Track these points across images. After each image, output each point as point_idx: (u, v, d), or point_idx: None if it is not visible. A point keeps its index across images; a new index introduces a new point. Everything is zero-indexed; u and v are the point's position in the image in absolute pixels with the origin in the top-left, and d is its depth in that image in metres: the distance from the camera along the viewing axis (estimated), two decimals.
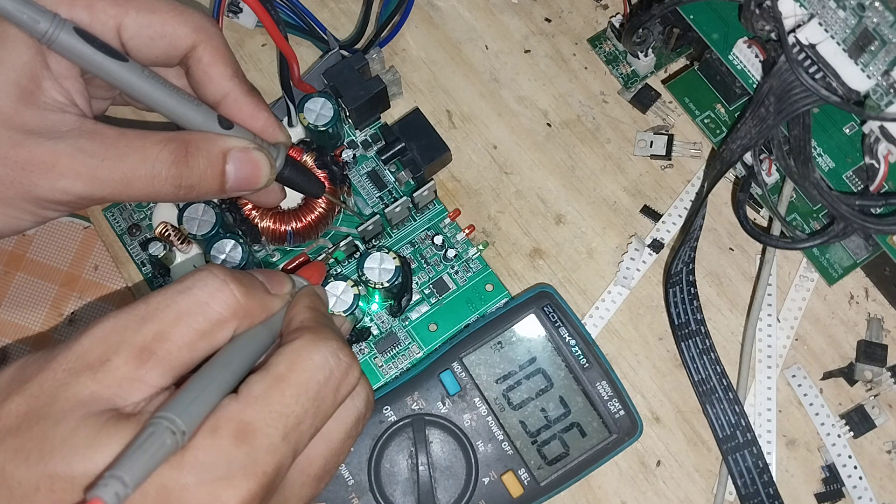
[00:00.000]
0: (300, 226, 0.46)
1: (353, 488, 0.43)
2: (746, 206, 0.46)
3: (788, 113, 0.38)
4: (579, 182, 0.50)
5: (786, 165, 0.41)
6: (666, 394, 0.47)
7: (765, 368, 0.46)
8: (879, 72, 0.36)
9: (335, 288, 0.43)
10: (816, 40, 0.38)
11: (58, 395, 0.29)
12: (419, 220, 0.49)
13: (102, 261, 0.51)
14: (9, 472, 0.28)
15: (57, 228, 0.52)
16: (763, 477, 0.44)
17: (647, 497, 0.45)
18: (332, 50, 0.50)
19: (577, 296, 0.48)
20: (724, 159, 0.42)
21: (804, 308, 0.47)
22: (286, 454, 0.30)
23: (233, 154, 0.39)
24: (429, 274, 0.48)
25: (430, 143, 0.49)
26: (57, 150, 0.36)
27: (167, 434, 0.27)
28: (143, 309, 0.31)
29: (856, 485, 0.44)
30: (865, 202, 0.39)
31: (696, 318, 0.46)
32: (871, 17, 0.35)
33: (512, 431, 0.44)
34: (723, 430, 0.45)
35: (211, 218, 0.45)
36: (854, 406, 0.46)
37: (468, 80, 0.52)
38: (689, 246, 0.46)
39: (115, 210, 0.49)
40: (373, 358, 0.47)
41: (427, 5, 0.54)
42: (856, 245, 0.44)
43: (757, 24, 0.39)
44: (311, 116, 0.46)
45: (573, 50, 0.53)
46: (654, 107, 0.51)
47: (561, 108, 0.52)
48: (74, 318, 0.50)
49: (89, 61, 0.36)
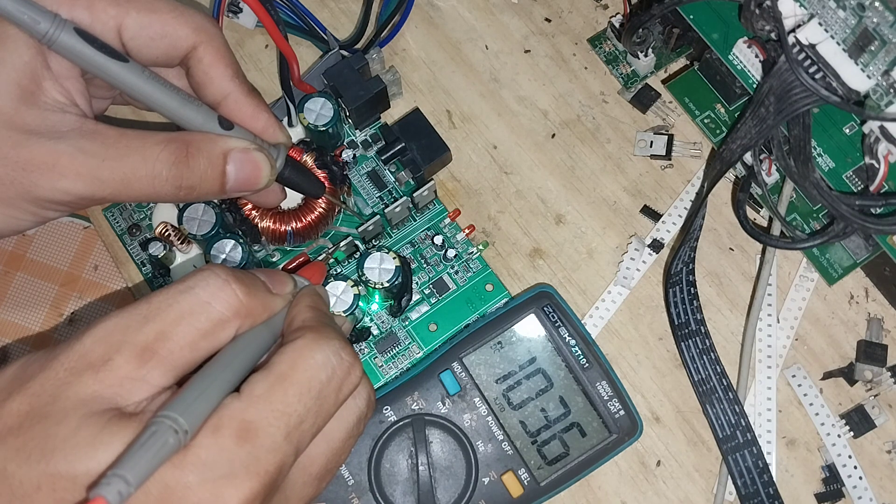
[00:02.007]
0: (300, 226, 0.46)
1: (353, 488, 0.43)
2: (746, 206, 0.46)
3: (788, 113, 0.38)
4: (579, 182, 0.50)
5: (786, 165, 0.41)
6: (666, 394, 0.47)
7: (765, 368, 0.46)
8: (879, 72, 0.36)
9: (335, 288, 0.43)
10: (816, 40, 0.38)
11: (59, 394, 0.29)
12: (419, 220, 0.49)
13: (102, 261, 0.51)
14: (10, 471, 0.28)
15: (57, 228, 0.52)
16: (763, 477, 0.44)
17: (647, 497, 0.45)
18: (332, 50, 0.50)
19: (577, 296, 0.48)
20: (724, 159, 0.42)
21: (804, 308, 0.47)
22: (288, 453, 0.30)
23: (233, 155, 0.39)
24: (429, 274, 0.48)
25: (430, 143, 0.49)
26: (57, 150, 0.36)
27: (169, 433, 0.27)
28: (145, 308, 0.31)
29: (856, 485, 0.44)
30: (865, 202, 0.39)
31: (696, 318, 0.46)
32: (871, 16, 0.35)
33: (512, 431, 0.44)
34: (723, 429, 0.45)
35: (211, 218, 0.45)
36: (854, 406, 0.46)
37: (468, 80, 0.52)
38: (689, 246, 0.46)
39: (115, 210, 0.49)
40: (373, 358, 0.47)
41: (427, 5, 0.54)
42: (856, 245, 0.44)
43: (757, 24, 0.39)
44: (311, 116, 0.46)
45: (573, 50, 0.53)
46: (654, 107, 0.51)
47: (561, 108, 0.52)
48: (74, 318, 0.50)
49: (90, 62, 0.36)
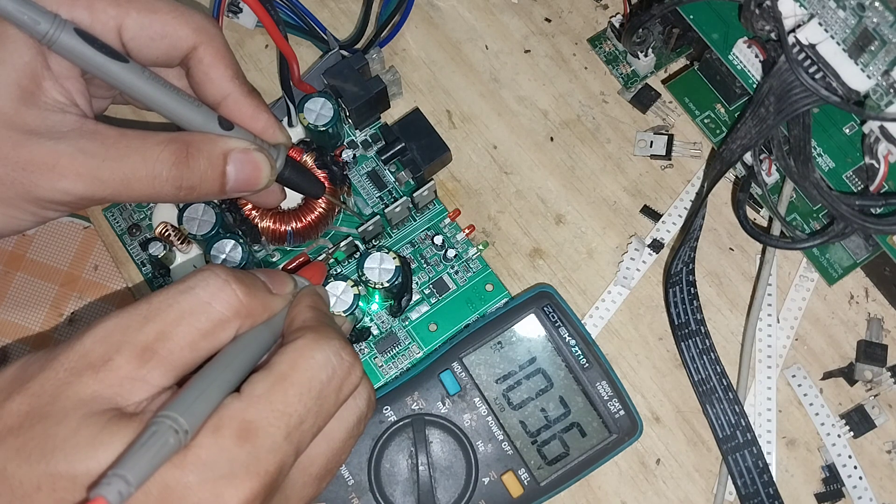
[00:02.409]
0: (300, 226, 0.46)
1: (353, 488, 0.43)
2: (746, 206, 0.46)
3: (788, 113, 0.38)
4: (579, 182, 0.50)
5: (786, 165, 0.41)
6: (666, 394, 0.47)
7: (765, 368, 0.46)
8: (879, 72, 0.36)
9: (335, 288, 0.43)
10: (816, 40, 0.38)
11: (60, 394, 0.29)
12: (419, 221, 0.49)
13: (102, 261, 0.51)
14: (10, 471, 0.28)
15: (57, 228, 0.52)
16: (763, 477, 0.44)
17: (648, 497, 0.45)
18: (332, 50, 0.50)
19: (577, 296, 0.48)
20: (724, 159, 0.42)
21: (804, 308, 0.47)
22: (289, 453, 0.30)
23: (233, 155, 0.39)
24: (429, 274, 0.48)
25: (430, 143, 0.49)
26: (57, 150, 0.36)
27: (170, 433, 0.27)
28: (145, 308, 0.31)
29: (856, 485, 0.44)
30: (865, 202, 0.39)
31: (696, 318, 0.46)
32: (870, 16, 0.35)
33: (512, 431, 0.44)
34: (723, 429, 0.45)
35: (211, 218, 0.45)
36: (854, 406, 0.46)
37: (468, 80, 0.52)
38: (689, 246, 0.46)
39: (115, 210, 0.49)
40: (373, 358, 0.47)
41: (427, 5, 0.54)
42: (856, 245, 0.44)
43: (757, 23, 0.39)
44: (311, 116, 0.46)
45: (573, 50, 0.53)
46: (654, 107, 0.51)
47: (561, 108, 0.52)
48: (74, 318, 0.50)
49: (89, 62, 0.36)
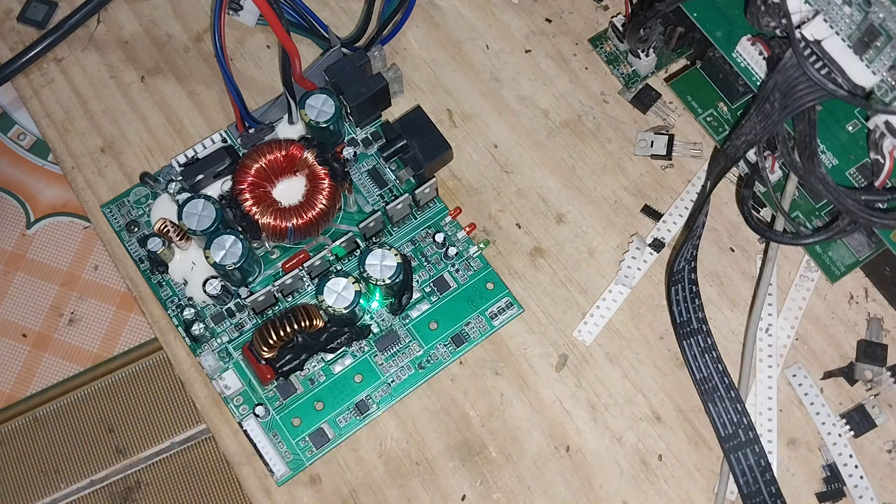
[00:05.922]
0: (301, 222, 0.46)
1: None
2: (750, 202, 0.46)
3: (794, 109, 0.38)
4: (580, 181, 0.50)
5: (791, 161, 0.41)
6: (667, 393, 0.47)
7: (765, 368, 0.46)
8: (885, 67, 0.36)
9: (336, 284, 0.43)
10: (822, 36, 0.38)
11: None
12: (420, 218, 0.49)
13: (102, 261, 0.51)
14: None
15: (57, 228, 0.52)
16: (765, 476, 0.44)
17: (649, 496, 0.45)
18: (333, 47, 0.50)
19: (577, 295, 0.48)
20: (729, 155, 0.42)
21: (804, 308, 0.47)
22: None
23: None
24: (429, 272, 0.48)
25: (431, 140, 0.48)
26: None
27: None
28: None
29: (857, 484, 0.44)
30: (871, 197, 0.39)
31: (698, 317, 0.46)
32: (877, 12, 0.35)
33: None
34: (724, 428, 0.45)
35: (211, 213, 0.45)
36: (854, 406, 0.46)
37: (469, 80, 0.52)
38: (692, 243, 0.45)
39: (112, 207, 0.49)
40: (373, 356, 0.47)
41: (428, 5, 0.54)
42: (858, 243, 0.45)
43: (762, 20, 0.39)
44: (313, 113, 0.46)
45: (574, 50, 0.53)
46: (655, 107, 0.51)
47: (561, 107, 0.52)
48: (74, 318, 0.50)
49: None
